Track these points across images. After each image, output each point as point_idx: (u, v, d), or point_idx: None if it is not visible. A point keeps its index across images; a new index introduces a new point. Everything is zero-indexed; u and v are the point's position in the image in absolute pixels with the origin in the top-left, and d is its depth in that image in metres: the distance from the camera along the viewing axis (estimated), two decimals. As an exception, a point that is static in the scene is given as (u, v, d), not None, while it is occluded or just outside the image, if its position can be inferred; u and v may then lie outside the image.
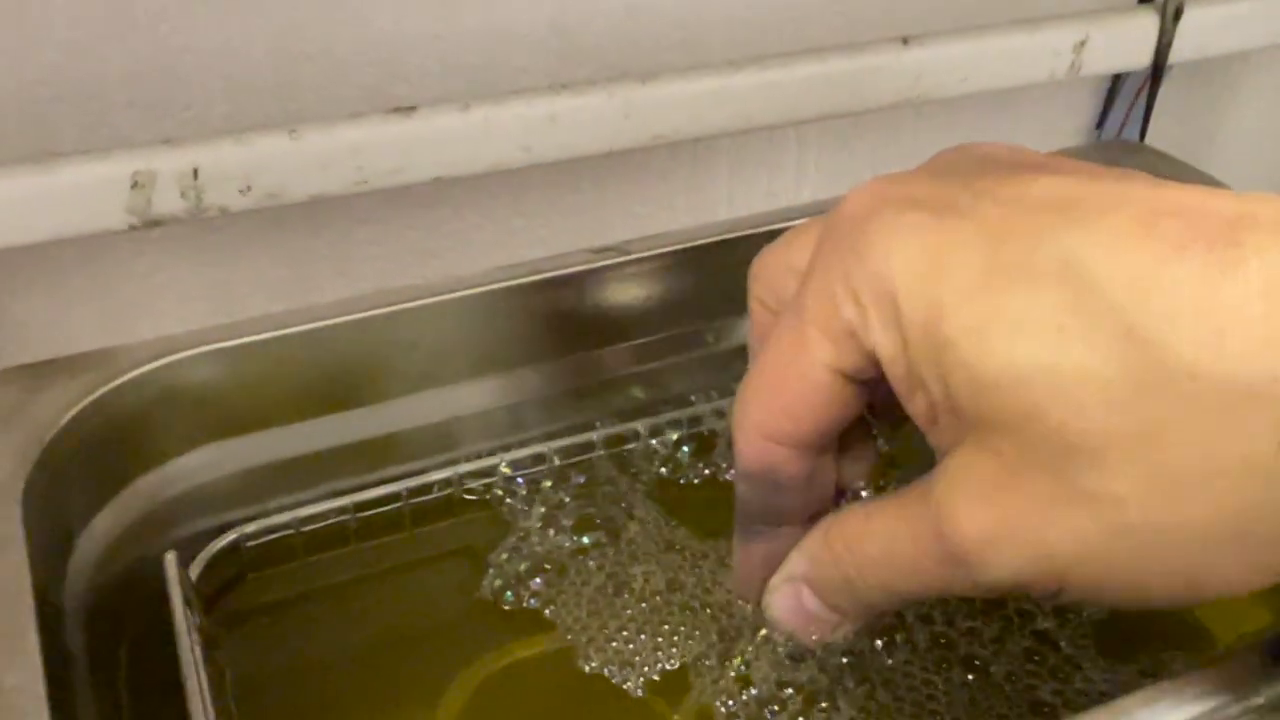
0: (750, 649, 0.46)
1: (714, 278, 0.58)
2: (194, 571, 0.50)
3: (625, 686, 0.48)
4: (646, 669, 0.48)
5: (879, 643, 0.47)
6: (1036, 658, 0.48)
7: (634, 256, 0.56)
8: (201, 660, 0.43)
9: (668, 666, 0.48)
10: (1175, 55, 0.83)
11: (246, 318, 0.51)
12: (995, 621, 0.49)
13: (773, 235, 0.55)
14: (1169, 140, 0.96)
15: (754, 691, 0.45)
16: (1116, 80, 0.87)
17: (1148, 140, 0.96)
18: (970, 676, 0.46)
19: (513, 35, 0.69)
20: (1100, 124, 0.89)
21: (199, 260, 0.68)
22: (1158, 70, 0.83)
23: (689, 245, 0.57)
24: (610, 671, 0.48)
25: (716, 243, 0.57)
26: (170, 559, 0.44)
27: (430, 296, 0.53)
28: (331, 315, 0.52)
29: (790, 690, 0.45)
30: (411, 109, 0.63)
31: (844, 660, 0.46)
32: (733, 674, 0.46)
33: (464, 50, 0.68)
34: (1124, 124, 0.90)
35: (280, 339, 0.51)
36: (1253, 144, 1.05)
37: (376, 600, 0.52)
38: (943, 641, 0.48)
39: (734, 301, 0.58)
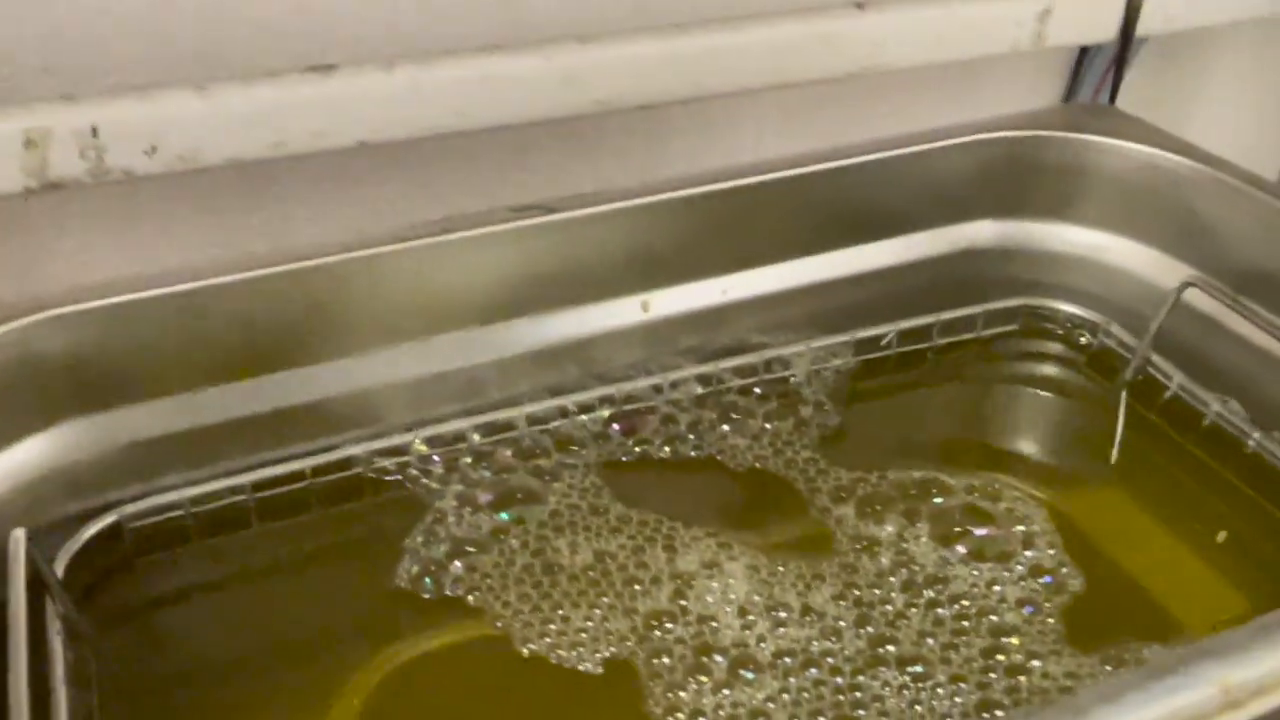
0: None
1: (648, 243, 0.54)
2: (67, 554, 0.45)
3: (581, 667, 0.43)
4: (592, 651, 0.43)
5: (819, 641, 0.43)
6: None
7: (559, 217, 0.51)
8: (60, 650, 0.38)
9: (610, 652, 0.43)
10: (1143, 28, 0.79)
11: (122, 276, 0.46)
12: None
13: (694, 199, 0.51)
14: (1134, 111, 0.92)
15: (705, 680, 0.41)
16: (1084, 53, 0.83)
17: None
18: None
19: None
20: (1069, 96, 0.85)
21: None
22: (1126, 42, 0.79)
23: (617, 207, 0.52)
24: (558, 657, 0.43)
25: (644, 205, 0.52)
26: (18, 535, 0.39)
27: (335, 255, 0.48)
28: (219, 274, 0.46)
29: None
30: (331, 68, 0.59)
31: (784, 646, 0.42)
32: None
33: (395, 10, 0.64)
34: (1095, 97, 0.86)
35: (161, 299, 0.46)
36: (1228, 119, 1.01)
37: (278, 589, 0.49)
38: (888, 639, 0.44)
39: (666, 269, 0.53)
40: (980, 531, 0.48)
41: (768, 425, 0.55)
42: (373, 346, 0.52)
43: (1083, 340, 0.61)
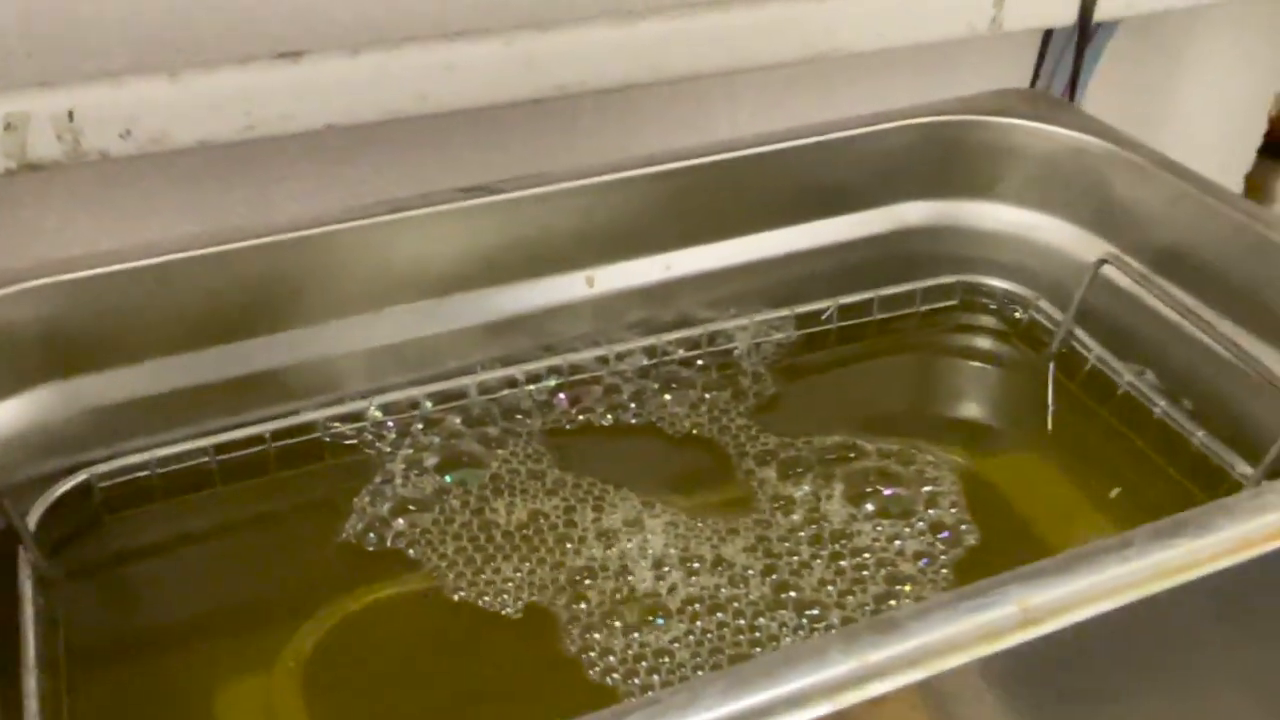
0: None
1: (594, 220, 0.57)
2: (39, 510, 0.49)
3: (505, 612, 0.47)
4: (515, 598, 0.47)
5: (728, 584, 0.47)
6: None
7: (503, 197, 0.55)
8: (31, 592, 0.42)
9: (532, 599, 0.47)
10: (1103, 12, 0.81)
11: (96, 250, 0.50)
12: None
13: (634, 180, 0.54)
14: (1110, 97, 0.95)
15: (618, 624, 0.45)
16: (1048, 37, 0.86)
17: (1087, 96, 0.95)
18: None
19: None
20: (1035, 82, 0.88)
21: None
22: (1084, 27, 0.82)
23: (559, 187, 0.55)
24: (485, 602, 0.47)
25: (586, 185, 0.56)
26: None
27: (295, 231, 0.52)
28: (184, 249, 0.50)
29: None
30: (299, 54, 0.62)
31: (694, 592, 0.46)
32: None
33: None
34: (1052, 82, 0.89)
35: (130, 272, 0.50)
36: (1205, 103, 1.04)
37: (236, 545, 0.52)
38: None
39: (610, 246, 0.57)
40: (889, 491, 0.52)
41: (707, 395, 0.59)
42: (331, 318, 0.55)
43: (1016, 315, 0.64)
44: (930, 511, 0.50)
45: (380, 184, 0.74)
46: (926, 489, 0.52)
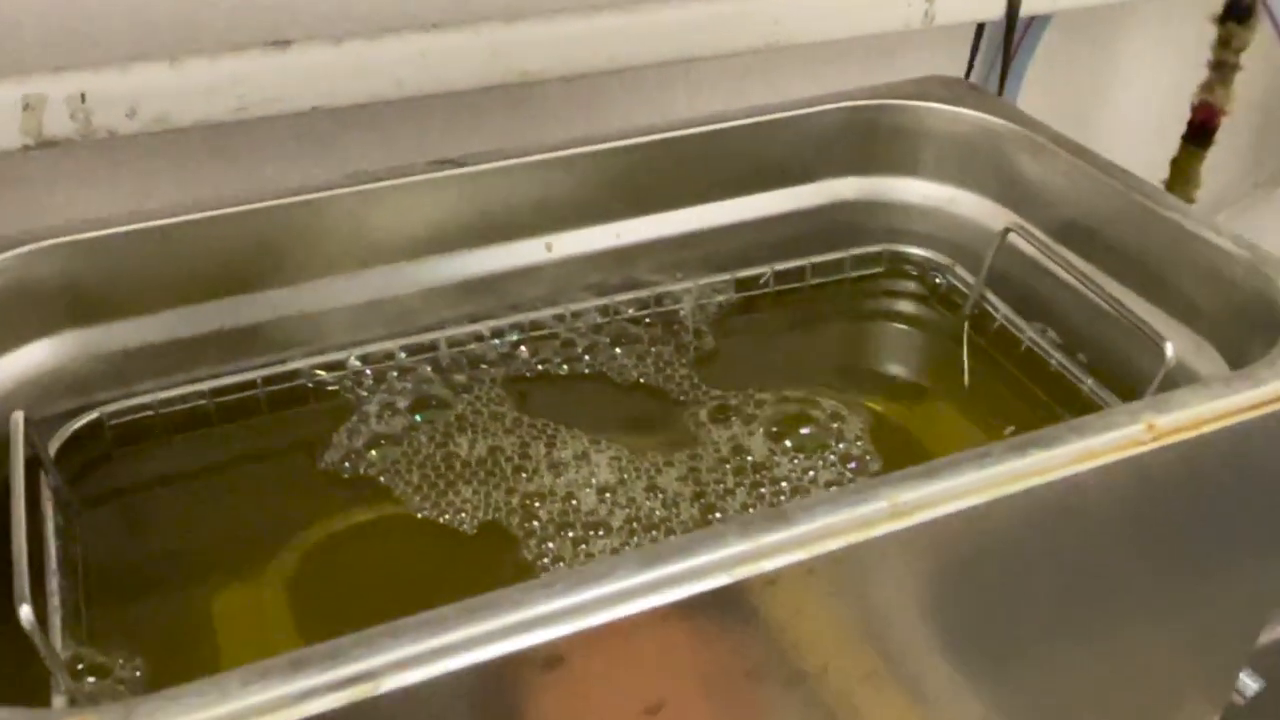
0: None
1: (552, 191, 0.64)
2: (56, 444, 0.56)
3: (462, 529, 0.54)
4: (473, 516, 0.54)
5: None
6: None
7: (470, 170, 0.62)
8: (51, 511, 0.49)
9: (489, 517, 0.54)
10: (1027, 8, 0.89)
11: (111, 213, 0.57)
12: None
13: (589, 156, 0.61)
14: (1046, 88, 1.03)
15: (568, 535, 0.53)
16: (980, 30, 0.93)
17: (1025, 87, 1.03)
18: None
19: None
20: (969, 72, 0.95)
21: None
22: (1011, 21, 0.89)
23: (519, 161, 0.63)
24: (445, 520, 0.54)
25: (543, 160, 0.63)
26: (16, 417, 0.51)
27: (283, 198, 0.59)
28: (186, 213, 0.57)
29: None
30: (287, 43, 0.69)
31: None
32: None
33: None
34: (988, 71, 0.96)
35: (138, 233, 0.57)
36: (1127, 93, 1.11)
37: (229, 476, 0.59)
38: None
39: (566, 215, 0.64)
40: (805, 430, 0.59)
41: (653, 349, 0.66)
42: (315, 277, 0.62)
43: (935, 280, 0.72)
44: (840, 445, 0.58)
45: (361, 164, 0.81)
46: (836, 425, 0.59)
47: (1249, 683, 0.96)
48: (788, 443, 0.57)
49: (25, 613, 0.40)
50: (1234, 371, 0.48)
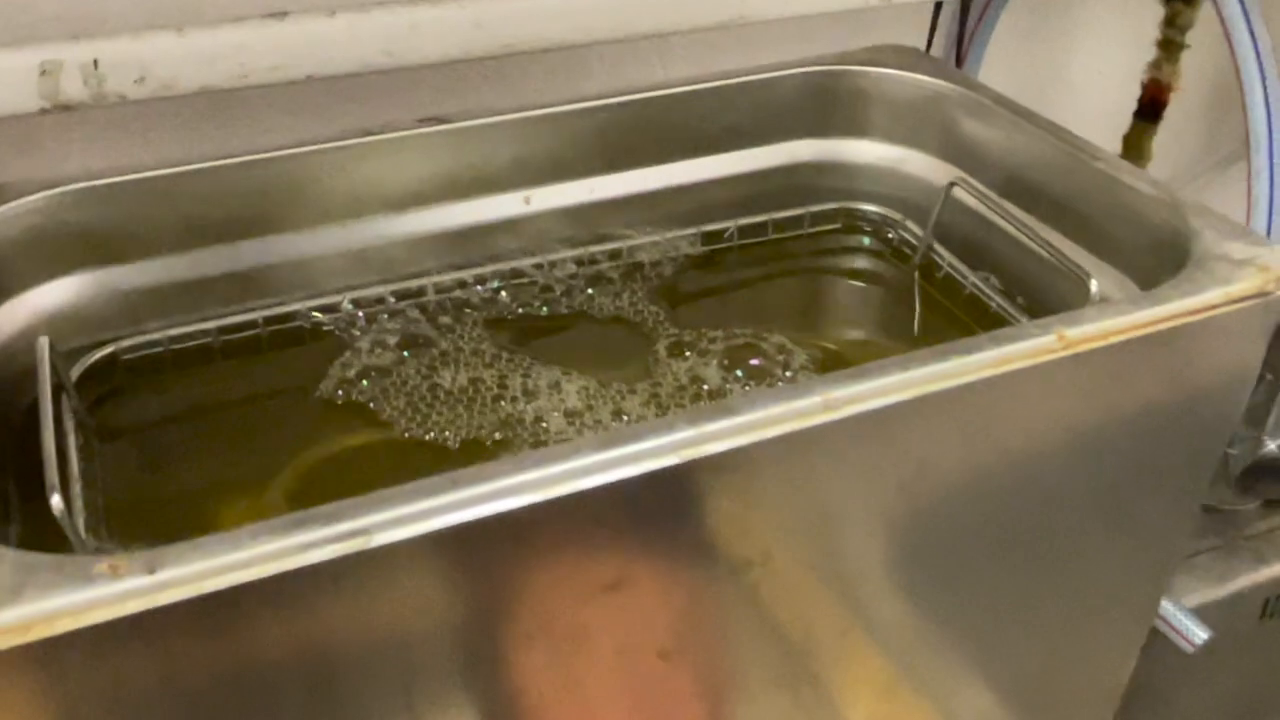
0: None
1: (530, 149, 0.70)
2: (75, 374, 0.61)
3: (446, 445, 0.60)
4: (455, 435, 0.60)
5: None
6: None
7: (455, 126, 0.68)
8: (72, 429, 0.55)
9: (470, 436, 0.60)
10: (983, -16, 0.95)
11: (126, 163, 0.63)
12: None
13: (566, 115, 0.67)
14: (1006, 65, 1.09)
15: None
16: (938, 8, 0.99)
17: (985, 64, 1.09)
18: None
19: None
20: (928, 47, 1.01)
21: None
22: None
23: (499, 120, 0.69)
24: (429, 438, 0.60)
25: (521, 119, 0.69)
26: (42, 342, 0.56)
27: (281, 150, 0.65)
28: (192, 163, 0.63)
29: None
30: (285, 13, 0.75)
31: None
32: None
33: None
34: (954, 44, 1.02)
35: (149, 180, 0.62)
36: (1082, 70, 1.17)
37: (232, 405, 0.64)
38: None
39: (543, 171, 0.70)
40: (754, 362, 0.65)
41: (624, 295, 0.72)
42: (311, 226, 0.67)
43: (888, 234, 0.77)
44: (787, 373, 0.64)
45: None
46: (781, 356, 0.65)
47: (1199, 632, 1.02)
48: (738, 372, 0.63)
49: (56, 500, 0.46)
50: (1141, 295, 0.54)
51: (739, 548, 0.48)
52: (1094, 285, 0.60)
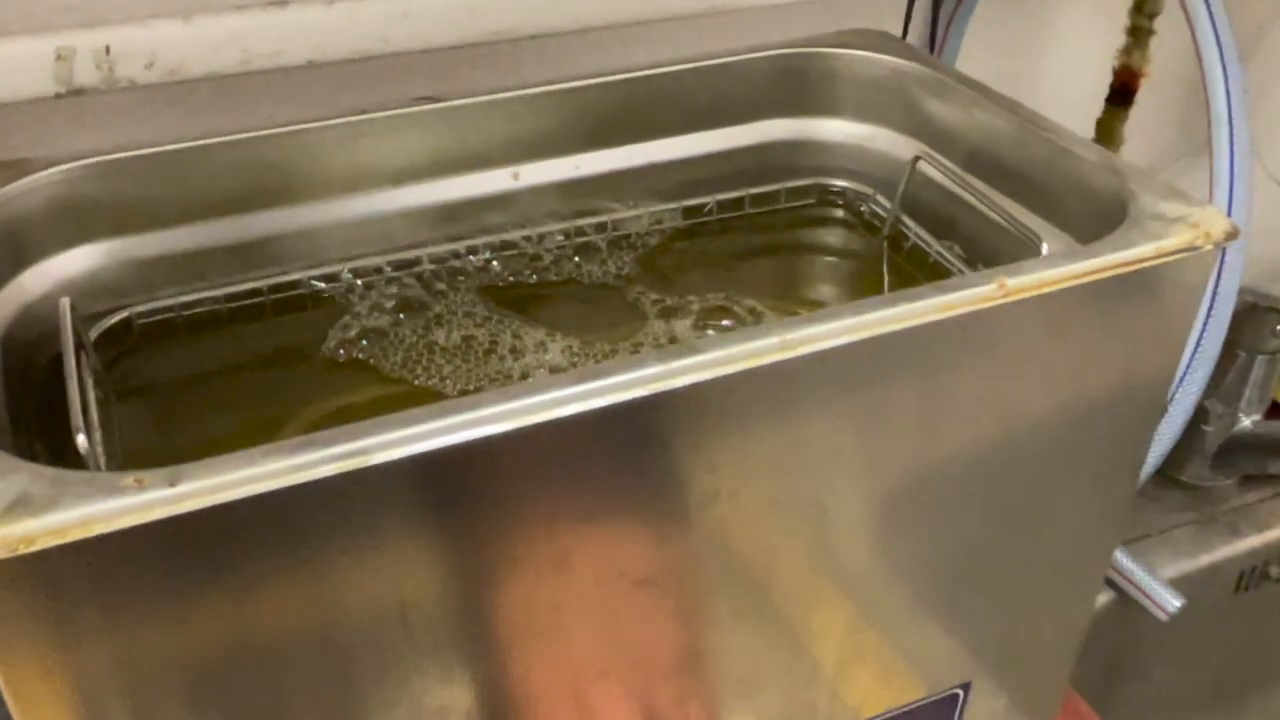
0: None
1: (519, 127, 0.75)
2: (92, 336, 0.66)
3: (443, 389, 0.64)
4: (453, 385, 0.65)
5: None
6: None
7: (446, 104, 0.73)
8: (91, 385, 0.60)
9: (467, 387, 0.65)
10: (954, -27, 0.99)
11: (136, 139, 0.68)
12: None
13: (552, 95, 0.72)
14: (982, 53, 1.13)
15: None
16: (914, -2, 1.03)
17: (962, 52, 1.14)
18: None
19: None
20: (904, 34, 1.06)
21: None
22: (939, -14, 1.00)
23: (489, 99, 0.74)
24: (427, 385, 0.65)
25: (510, 97, 0.74)
26: (64, 302, 0.61)
27: (282, 127, 0.70)
28: (199, 139, 0.68)
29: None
30: (285, 2, 0.80)
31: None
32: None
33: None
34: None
35: (161, 154, 0.67)
36: (1058, 57, 1.21)
37: (241, 367, 0.69)
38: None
39: (531, 148, 0.74)
40: (727, 323, 0.70)
41: (608, 264, 0.77)
42: (312, 200, 0.72)
43: (860, 208, 0.82)
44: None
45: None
46: (753, 319, 0.70)
47: (1171, 600, 1.07)
48: (710, 331, 0.68)
49: (81, 439, 0.50)
50: (1078, 247, 0.59)
51: (706, 481, 0.52)
52: (1044, 248, 0.65)
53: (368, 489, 0.44)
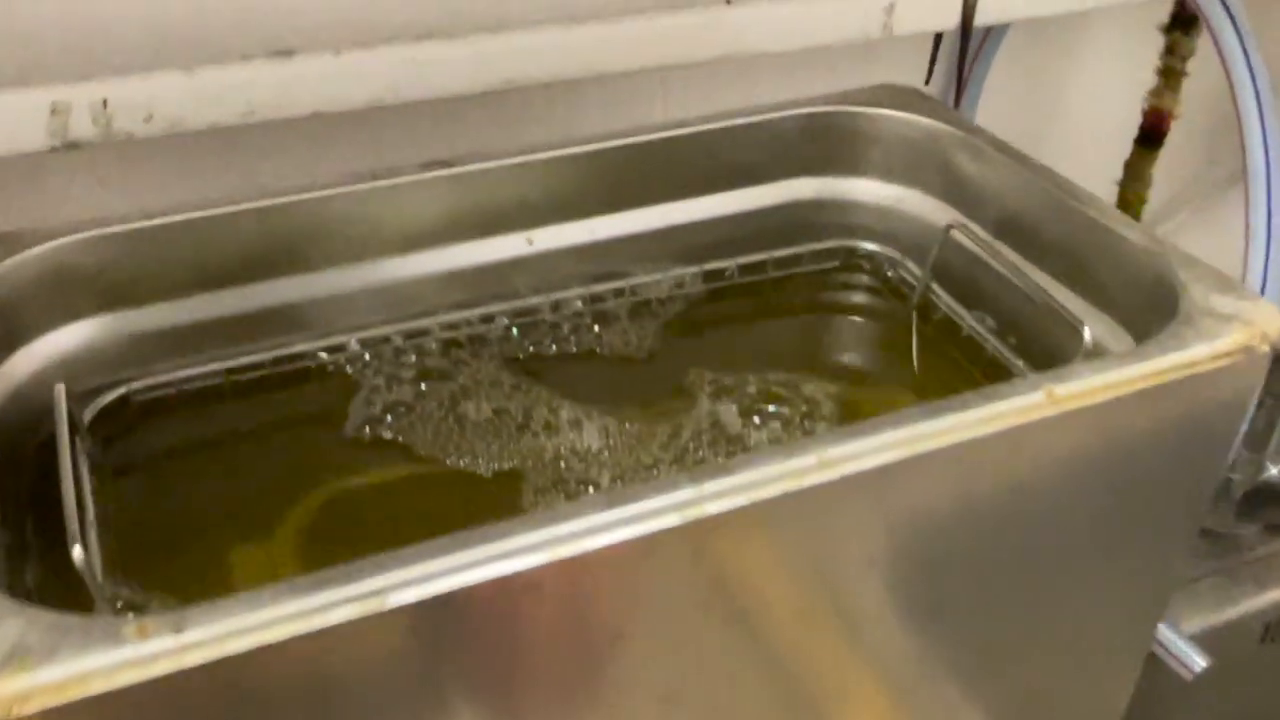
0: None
1: (532, 191, 0.72)
2: (88, 416, 0.63)
3: (477, 472, 0.61)
4: (486, 464, 0.61)
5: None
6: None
7: (458, 170, 0.69)
8: (87, 473, 0.57)
9: (502, 467, 0.62)
10: (981, 18, 0.96)
11: (126, 207, 0.64)
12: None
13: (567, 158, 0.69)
14: (1006, 93, 1.10)
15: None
16: (938, 40, 1.00)
17: (986, 92, 1.11)
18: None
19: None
20: (927, 80, 1.03)
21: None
22: (966, 31, 0.96)
23: (502, 163, 0.70)
24: (464, 463, 0.62)
25: (524, 162, 0.70)
26: (59, 388, 0.58)
27: (288, 196, 0.67)
28: (202, 209, 0.65)
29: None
30: (291, 52, 0.76)
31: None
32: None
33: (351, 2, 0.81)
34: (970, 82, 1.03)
35: (159, 227, 0.64)
36: (1083, 98, 1.18)
37: (244, 446, 0.66)
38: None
39: (545, 212, 0.71)
40: (773, 408, 0.67)
41: (630, 332, 0.73)
42: (318, 268, 0.69)
43: (887, 273, 0.79)
44: (805, 423, 0.65)
45: (356, 164, 0.89)
46: (804, 406, 0.66)
47: (1198, 659, 1.03)
48: (756, 419, 0.64)
49: (77, 552, 0.47)
50: (1129, 351, 0.55)
51: (739, 598, 0.49)
52: (1087, 333, 0.62)
53: (384, 629, 0.41)
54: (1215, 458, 0.59)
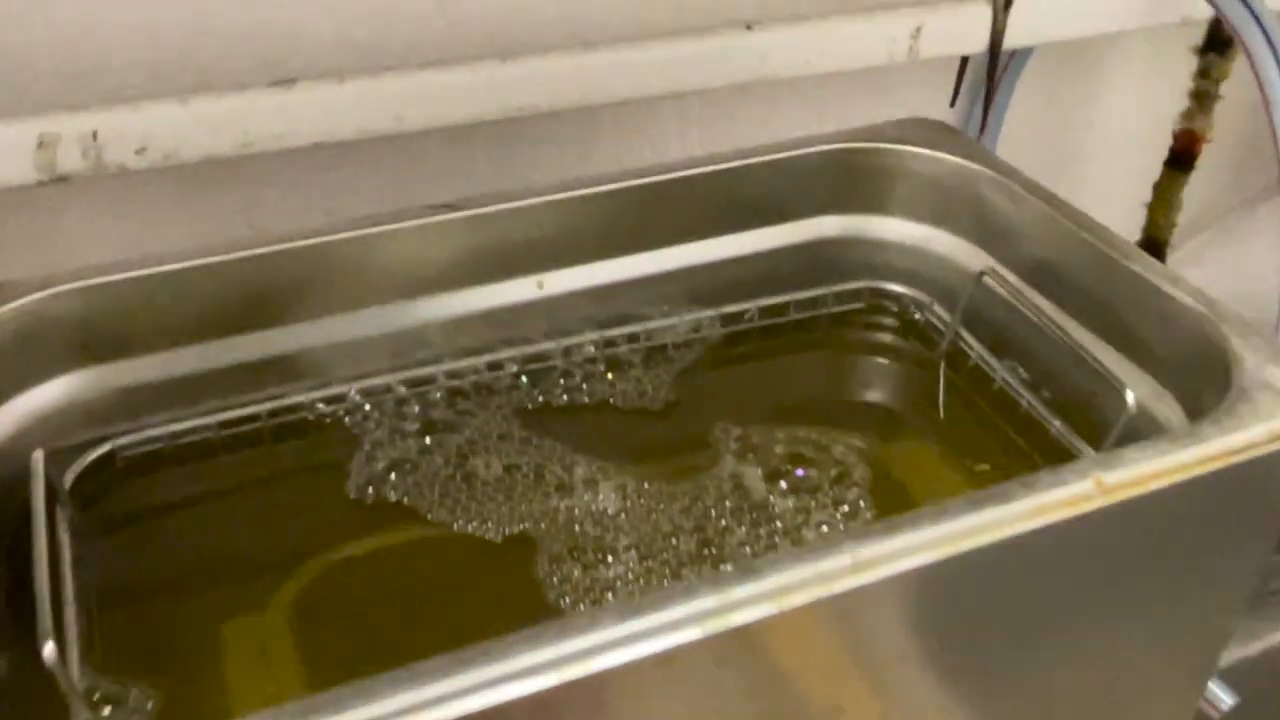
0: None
1: (542, 233, 0.68)
2: (73, 474, 0.59)
3: (486, 538, 0.58)
4: (497, 528, 0.58)
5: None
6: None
7: (465, 214, 0.65)
8: (68, 541, 0.53)
9: (515, 530, 0.59)
10: (1011, 41, 0.92)
11: (113, 258, 0.60)
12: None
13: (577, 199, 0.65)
14: (1032, 115, 1.06)
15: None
16: (964, 63, 0.96)
17: (1010, 114, 1.06)
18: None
19: (400, 14, 0.79)
20: (953, 103, 0.99)
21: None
22: (994, 54, 0.92)
23: (510, 206, 0.66)
24: (472, 527, 0.58)
25: (532, 204, 0.66)
26: (38, 455, 0.54)
27: (284, 243, 0.63)
28: (195, 258, 0.61)
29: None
30: (292, 81, 0.73)
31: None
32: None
33: (355, 27, 0.77)
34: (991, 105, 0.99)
35: (150, 277, 0.60)
36: (1110, 120, 1.14)
37: (238, 504, 0.62)
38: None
39: (556, 255, 0.67)
40: (800, 471, 0.63)
41: (645, 381, 0.70)
42: (316, 316, 0.65)
43: (914, 316, 0.75)
44: (834, 489, 0.61)
45: (360, 193, 0.85)
46: (833, 470, 0.62)
47: (1224, 697, 0.99)
48: (783, 484, 0.61)
49: (49, 650, 0.43)
50: (1180, 429, 0.51)
51: (762, 703, 0.45)
52: (1130, 398, 0.58)
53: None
54: (1271, 535, 0.55)
